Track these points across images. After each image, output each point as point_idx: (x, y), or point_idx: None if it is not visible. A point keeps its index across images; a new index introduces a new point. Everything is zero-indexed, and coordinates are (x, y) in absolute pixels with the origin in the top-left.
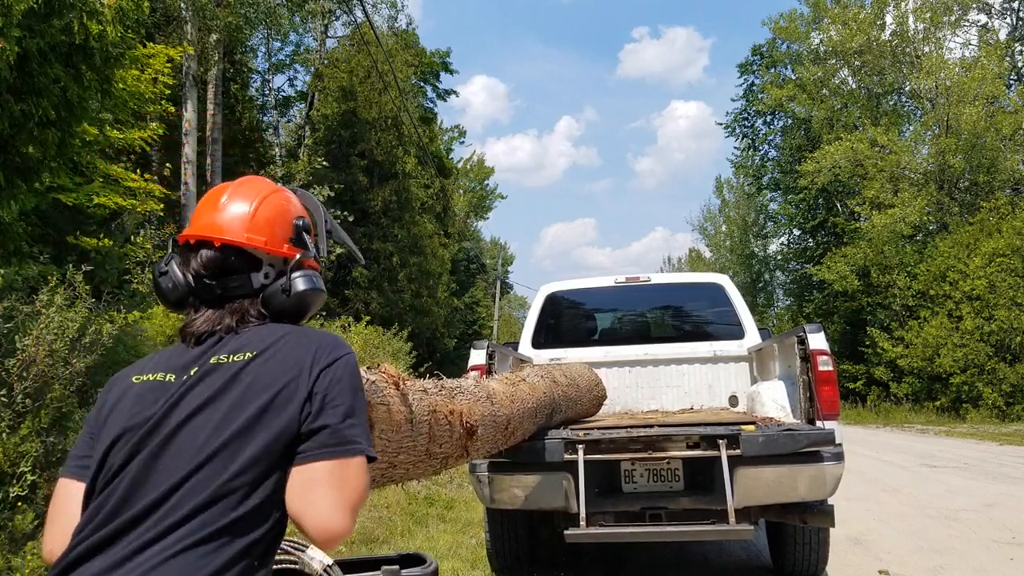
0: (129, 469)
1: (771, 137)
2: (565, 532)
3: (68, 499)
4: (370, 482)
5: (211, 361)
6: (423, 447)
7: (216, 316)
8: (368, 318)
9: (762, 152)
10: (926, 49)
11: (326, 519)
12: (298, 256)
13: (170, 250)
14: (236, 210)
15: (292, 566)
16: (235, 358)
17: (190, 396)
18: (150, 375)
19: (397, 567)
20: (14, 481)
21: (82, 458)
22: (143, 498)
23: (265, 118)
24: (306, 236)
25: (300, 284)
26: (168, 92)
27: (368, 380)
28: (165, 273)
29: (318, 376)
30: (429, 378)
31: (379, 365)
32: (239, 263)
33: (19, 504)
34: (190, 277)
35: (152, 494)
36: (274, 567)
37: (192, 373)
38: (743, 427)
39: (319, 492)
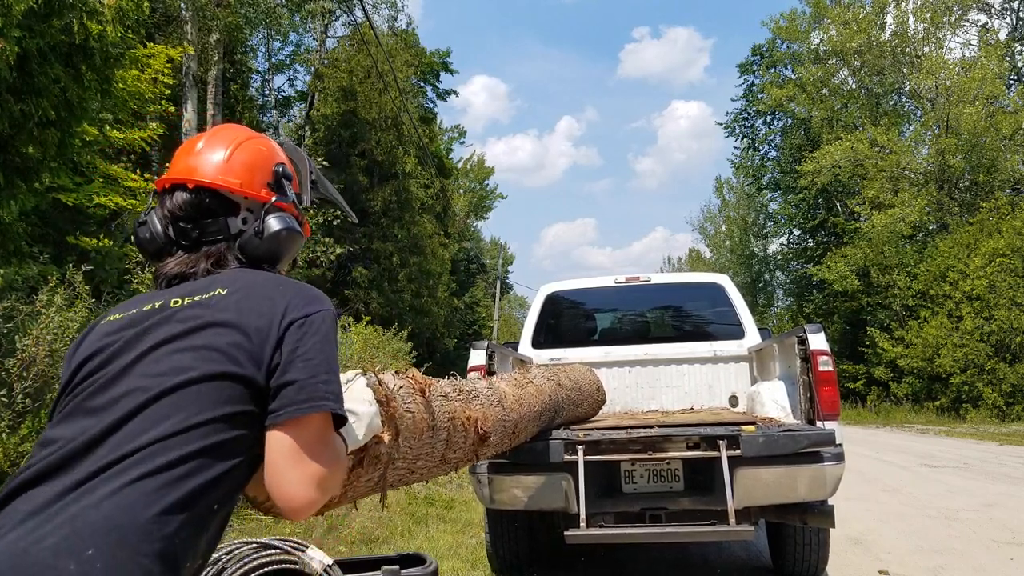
0: (85, 397)
1: (771, 137)
2: (565, 533)
3: None
4: (343, 450)
5: (186, 300)
6: (440, 453)
7: (191, 259)
8: (368, 318)
9: (762, 152)
10: (926, 49)
11: (287, 492)
12: (273, 199)
13: (150, 202)
14: (211, 153)
15: (292, 566)
16: (204, 296)
17: (157, 331)
18: (117, 315)
19: (397, 567)
20: None
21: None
22: (98, 424)
23: (265, 118)
24: (285, 182)
25: (273, 224)
26: (168, 92)
27: (396, 386)
28: (144, 223)
29: (288, 327)
30: (448, 377)
31: (407, 370)
32: (214, 205)
33: None
34: (169, 227)
35: (107, 419)
36: (274, 567)
37: (158, 306)
38: (743, 427)
39: (286, 461)
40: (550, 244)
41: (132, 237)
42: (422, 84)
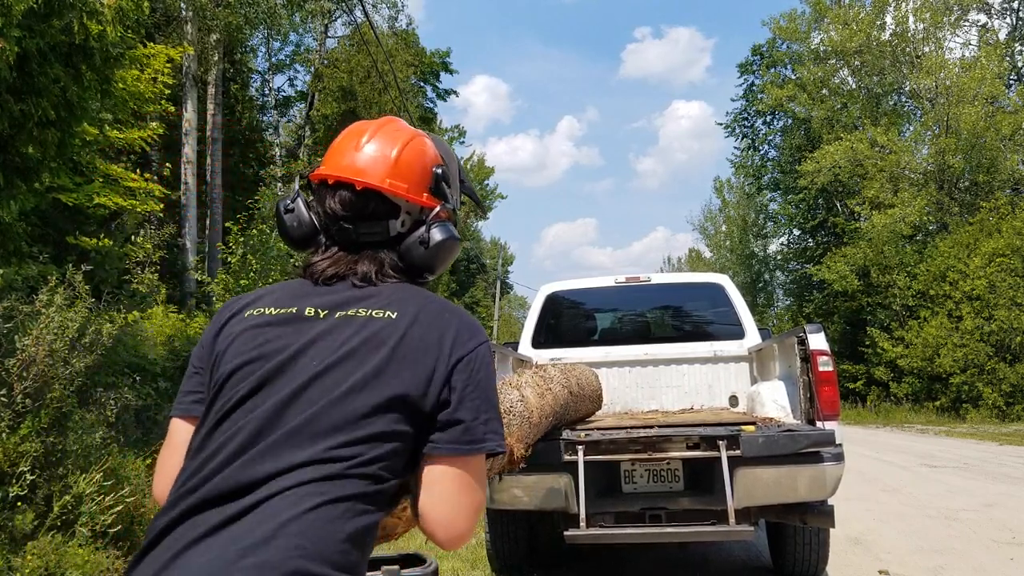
0: (253, 412)
1: (771, 137)
2: (565, 533)
3: (180, 439)
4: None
5: (350, 313)
6: None
7: (350, 259)
8: None
9: (762, 152)
10: (926, 49)
11: (450, 520)
12: (438, 208)
13: (296, 187)
14: (378, 153)
15: None
16: (376, 314)
17: (325, 343)
18: (270, 308)
19: (397, 567)
20: (14, 481)
21: (192, 393)
22: (281, 459)
23: (265, 118)
24: (444, 186)
25: (437, 234)
26: (168, 92)
27: None
28: (291, 211)
29: (456, 364)
30: None
31: None
32: (378, 208)
33: (19, 504)
34: (315, 217)
35: (291, 452)
36: None
37: (324, 315)
38: (743, 427)
39: (447, 492)
40: (550, 244)
41: (276, 222)
42: (422, 84)
